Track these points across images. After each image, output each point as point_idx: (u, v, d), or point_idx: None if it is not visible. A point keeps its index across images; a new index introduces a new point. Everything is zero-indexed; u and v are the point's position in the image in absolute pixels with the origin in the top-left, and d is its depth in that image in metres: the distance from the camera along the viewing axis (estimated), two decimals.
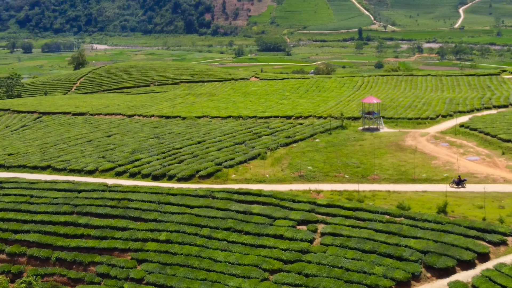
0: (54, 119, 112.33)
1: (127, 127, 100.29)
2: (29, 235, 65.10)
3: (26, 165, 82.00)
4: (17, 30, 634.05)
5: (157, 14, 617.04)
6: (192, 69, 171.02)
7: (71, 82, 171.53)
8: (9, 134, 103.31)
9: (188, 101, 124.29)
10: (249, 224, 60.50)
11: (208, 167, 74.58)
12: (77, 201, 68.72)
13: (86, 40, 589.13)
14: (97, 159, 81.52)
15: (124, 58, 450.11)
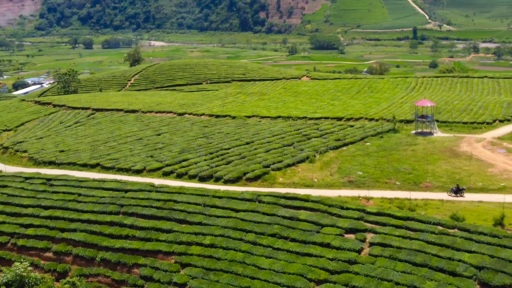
0: (106, 116, 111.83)
1: (177, 125, 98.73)
2: (76, 234, 64.09)
3: (76, 162, 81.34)
4: (79, 26, 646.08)
5: (213, 12, 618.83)
6: (244, 67, 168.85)
7: (126, 79, 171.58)
8: (62, 131, 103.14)
9: (238, 100, 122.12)
10: (295, 230, 57.90)
11: (255, 170, 72.20)
12: (124, 201, 67.34)
13: (144, 37, 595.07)
14: (145, 158, 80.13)
15: (180, 55, 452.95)
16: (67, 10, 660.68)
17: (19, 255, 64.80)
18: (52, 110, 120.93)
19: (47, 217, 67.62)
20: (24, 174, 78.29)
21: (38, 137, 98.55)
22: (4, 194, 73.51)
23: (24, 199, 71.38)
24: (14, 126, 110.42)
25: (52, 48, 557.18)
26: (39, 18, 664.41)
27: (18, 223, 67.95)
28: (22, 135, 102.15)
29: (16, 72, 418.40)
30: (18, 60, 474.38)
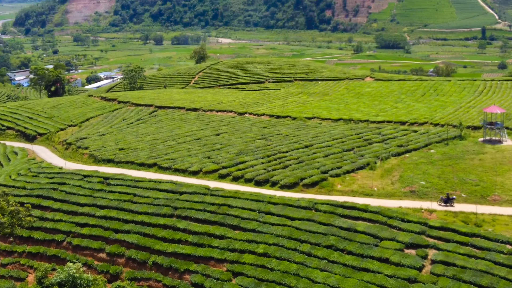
0: (168, 113, 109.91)
1: (237, 125, 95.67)
2: (129, 236, 62.14)
3: (134, 161, 79.54)
4: (150, 23, 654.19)
5: (280, 10, 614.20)
6: (307, 66, 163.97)
7: (190, 76, 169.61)
8: (124, 128, 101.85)
9: (300, 100, 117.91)
10: (352, 243, 53.96)
11: (313, 175, 68.32)
12: (178, 204, 64.87)
13: (212, 34, 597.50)
14: (202, 159, 77.44)
15: (246, 52, 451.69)
16: (139, 7, 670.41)
17: (73, 254, 63.48)
18: (116, 106, 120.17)
19: (102, 216, 66.05)
20: (83, 171, 77.10)
21: (100, 134, 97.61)
22: (62, 191, 72.49)
23: (81, 198, 70.08)
24: (79, 121, 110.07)
25: (124, 43, 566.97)
26: (113, 14, 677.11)
27: (74, 221, 66.70)
28: (85, 131, 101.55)
29: (90, 66, 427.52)
30: (93, 55, 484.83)
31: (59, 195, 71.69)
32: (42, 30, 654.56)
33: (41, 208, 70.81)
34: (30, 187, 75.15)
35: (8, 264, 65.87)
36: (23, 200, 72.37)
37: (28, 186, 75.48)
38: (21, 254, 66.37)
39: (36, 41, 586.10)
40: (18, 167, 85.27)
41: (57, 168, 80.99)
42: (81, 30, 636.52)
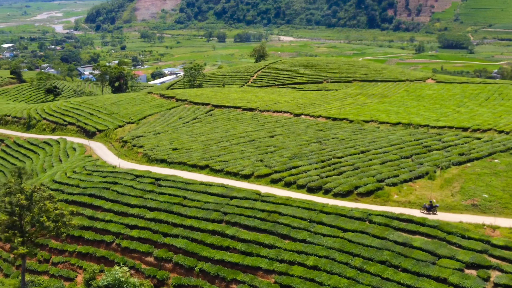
0: (224, 113, 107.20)
1: (292, 127, 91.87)
2: (177, 241, 59.64)
3: (186, 162, 77.02)
4: (214, 21, 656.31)
5: (341, 9, 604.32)
6: (366, 67, 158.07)
7: (249, 75, 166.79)
8: (180, 126, 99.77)
9: (358, 102, 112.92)
10: (408, 259, 49.59)
11: (368, 184, 63.97)
12: (228, 209, 61.88)
13: (274, 32, 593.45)
14: (254, 162, 74.13)
15: (307, 50, 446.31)
16: (204, 5, 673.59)
17: (122, 256, 61.55)
18: (174, 104, 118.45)
19: (151, 219, 63.83)
20: (135, 171, 75.20)
21: (156, 132, 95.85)
22: (114, 191, 70.79)
23: (132, 198, 68.12)
24: (137, 119, 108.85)
25: (189, 40, 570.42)
26: (179, 12, 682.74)
27: (124, 223, 64.78)
28: (142, 129, 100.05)
29: (156, 62, 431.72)
30: (158, 51, 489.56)
31: (111, 195, 70.06)
32: (111, 26, 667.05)
33: (92, 207, 69.43)
34: (84, 185, 73.92)
35: (59, 263, 64.67)
36: (76, 199, 71.40)
37: (81, 185, 74.29)
38: (72, 253, 65.14)
39: (105, 37, 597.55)
40: (74, 164, 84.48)
41: (111, 167, 79.57)
42: (148, 27, 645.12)
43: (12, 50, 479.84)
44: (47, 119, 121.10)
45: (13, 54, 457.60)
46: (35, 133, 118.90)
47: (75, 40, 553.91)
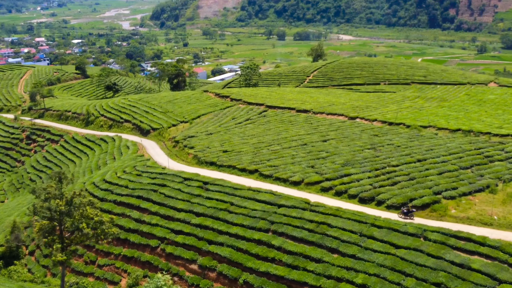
0: (277, 114, 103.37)
1: (346, 131, 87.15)
2: (222, 249, 56.55)
3: (236, 166, 73.68)
4: (274, 19, 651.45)
5: (402, 8, 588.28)
6: (425, 69, 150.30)
7: (305, 75, 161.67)
8: (232, 127, 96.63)
9: (416, 106, 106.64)
10: (465, 283, 44.92)
11: (424, 196, 59.00)
12: (275, 218, 58.25)
13: (334, 31, 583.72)
14: (305, 168, 70.08)
15: (366, 50, 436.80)
16: (265, 4, 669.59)
17: (166, 262, 58.95)
18: (228, 104, 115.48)
19: (197, 225, 60.97)
20: (184, 174, 72.46)
21: (208, 133, 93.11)
22: (161, 194, 68.34)
23: (178, 202, 65.48)
24: (191, 118, 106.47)
25: (249, 38, 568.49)
26: (240, 10, 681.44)
27: (170, 227, 62.17)
28: (194, 129, 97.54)
29: (216, 59, 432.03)
30: (219, 48, 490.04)
31: (158, 197, 67.61)
32: (175, 24, 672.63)
33: (139, 209, 67.21)
34: (132, 186, 71.83)
35: (104, 266, 62.66)
36: (124, 200, 69.36)
37: (130, 186, 72.23)
38: (117, 256, 63.05)
39: (169, 34, 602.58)
40: (126, 164, 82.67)
41: (160, 168, 77.14)
42: (210, 25, 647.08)
43: (81, 46, 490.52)
44: (104, 115, 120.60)
45: (81, 49, 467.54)
46: (93, 129, 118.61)
47: (140, 36, 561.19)
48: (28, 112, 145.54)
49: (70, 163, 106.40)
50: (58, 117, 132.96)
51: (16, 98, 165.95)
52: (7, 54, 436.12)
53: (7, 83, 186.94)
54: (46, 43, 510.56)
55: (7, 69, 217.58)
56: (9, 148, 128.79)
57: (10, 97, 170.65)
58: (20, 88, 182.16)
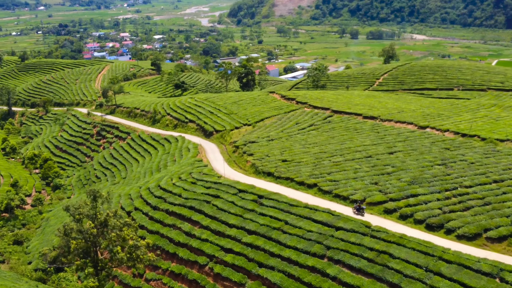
0: (343, 120, 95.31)
1: (414, 143, 78.22)
2: (272, 274, 50.27)
3: (294, 179, 66.82)
4: (348, 18, 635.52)
5: (478, 8, 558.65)
6: (503, 74, 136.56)
7: (375, 77, 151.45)
8: (294, 133, 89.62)
9: (492, 115, 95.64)
10: None
11: (500, 226, 50.37)
12: (331, 242, 51.25)
13: (407, 30, 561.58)
14: (368, 185, 62.32)
15: (440, 50, 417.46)
16: (339, 2, 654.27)
17: (214, 283, 53.40)
18: (293, 107, 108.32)
19: (248, 244, 54.83)
20: (239, 185, 66.31)
21: (269, 139, 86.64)
22: (214, 206, 62.66)
23: (231, 217, 59.59)
24: (254, 121, 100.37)
25: (322, 36, 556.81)
26: (314, 8, 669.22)
27: (220, 244, 56.41)
28: (256, 134, 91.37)
29: (289, 57, 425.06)
30: (292, 46, 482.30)
31: (211, 210, 61.97)
32: (251, 21, 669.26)
33: (191, 222, 61.87)
34: (186, 195, 66.61)
35: (152, 280, 57.85)
36: (176, 210, 64.26)
37: (184, 194, 67.04)
38: (165, 271, 58.11)
39: (245, 31, 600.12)
40: (183, 169, 77.65)
41: (216, 177, 71.33)
42: (284, 22, 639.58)
43: (161, 41, 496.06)
44: (170, 114, 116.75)
45: (162, 45, 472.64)
46: (159, 128, 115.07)
47: (217, 33, 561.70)
48: (101, 107, 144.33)
49: (134, 162, 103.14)
50: (127, 114, 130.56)
51: (92, 93, 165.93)
52: (93, 48, 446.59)
53: (85, 78, 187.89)
54: (129, 38, 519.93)
55: (88, 64, 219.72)
56: (80, 143, 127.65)
57: (87, 91, 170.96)
58: (97, 83, 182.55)
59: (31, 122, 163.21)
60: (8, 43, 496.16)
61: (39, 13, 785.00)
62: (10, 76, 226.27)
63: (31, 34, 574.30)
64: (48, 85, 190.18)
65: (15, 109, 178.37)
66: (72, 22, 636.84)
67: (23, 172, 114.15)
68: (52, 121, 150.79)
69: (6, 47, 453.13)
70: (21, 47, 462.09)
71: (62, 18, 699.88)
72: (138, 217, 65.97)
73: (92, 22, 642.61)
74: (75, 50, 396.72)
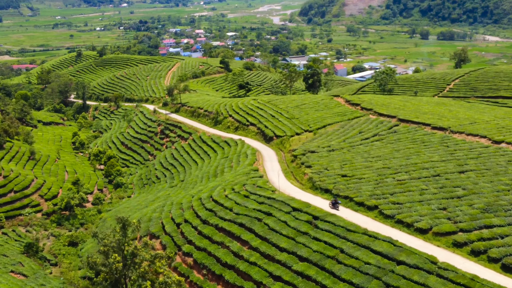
0: (409, 131, 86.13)
1: (488, 161, 68.46)
2: None
3: (353, 198, 59.36)
4: (418, 18, 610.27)
5: None
6: None
7: (445, 83, 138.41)
8: (357, 144, 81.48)
9: None
10: None
11: None
12: (391, 279, 43.89)
13: (479, 31, 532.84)
14: (435, 210, 54.02)
15: None
16: (410, 2, 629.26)
17: None
18: (357, 113, 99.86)
19: (299, 272, 48.32)
20: (293, 202, 59.51)
21: (329, 149, 79.16)
22: (266, 225, 56.33)
23: (282, 239, 53.16)
24: (315, 127, 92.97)
25: (392, 36, 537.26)
26: (385, 8, 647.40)
27: (269, 270, 50.24)
28: (316, 142, 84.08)
29: (358, 56, 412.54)
30: (361, 45, 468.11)
31: (261, 229, 55.72)
32: (321, 20, 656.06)
33: (240, 241, 55.92)
34: (237, 210, 60.64)
35: None
36: (225, 226, 58.46)
37: (235, 209, 61.10)
38: None
39: (315, 29, 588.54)
40: (237, 179, 71.72)
41: (270, 191, 64.66)
42: (354, 22, 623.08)
43: (234, 38, 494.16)
44: (232, 116, 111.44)
45: (234, 42, 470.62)
46: (220, 129, 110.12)
47: (288, 31, 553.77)
48: (166, 106, 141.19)
49: (193, 164, 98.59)
50: (191, 114, 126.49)
51: (161, 90, 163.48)
52: (169, 44, 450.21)
53: (155, 75, 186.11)
54: (204, 35, 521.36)
55: (160, 60, 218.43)
56: (145, 140, 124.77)
57: (156, 88, 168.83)
58: (166, 80, 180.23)
59: (102, 116, 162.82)
60: (92, 38, 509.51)
61: (122, 9, 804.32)
62: (88, 71, 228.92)
63: (113, 30, 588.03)
64: (121, 80, 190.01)
65: (89, 103, 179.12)
66: (151, 19, 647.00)
67: (88, 169, 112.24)
68: (121, 117, 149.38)
69: (91, 41, 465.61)
70: (103, 41, 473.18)
71: (142, 14, 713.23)
72: (187, 230, 60.72)
73: (169, 19, 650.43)
74: (152, 45, 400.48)
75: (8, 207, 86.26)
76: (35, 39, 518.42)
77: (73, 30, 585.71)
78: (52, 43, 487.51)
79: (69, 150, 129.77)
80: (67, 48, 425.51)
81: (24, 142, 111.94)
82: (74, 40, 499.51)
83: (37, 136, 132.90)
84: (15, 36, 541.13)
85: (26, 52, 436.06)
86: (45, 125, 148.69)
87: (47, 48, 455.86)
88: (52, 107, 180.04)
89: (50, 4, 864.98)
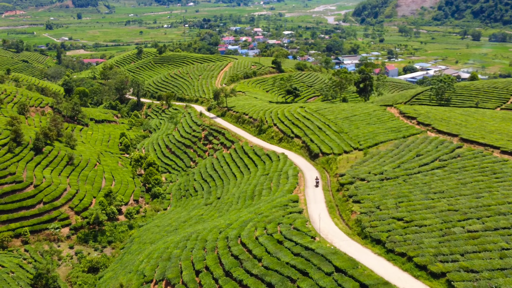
0: (476, 156, 67.89)
1: None
2: None
3: (412, 257, 42.15)
4: (470, 19, 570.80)
5: None
6: None
7: (509, 93, 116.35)
8: (414, 172, 63.94)
9: None
10: None
11: None
12: None
13: None
14: None
15: None
16: (462, 4, 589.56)
17: None
18: (414, 130, 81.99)
19: None
20: (337, 259, 43.00)
21: (382, 177, 62.37)
22: None
23: None
24: (366, 145, 76.14)
25: (443, 37, 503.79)
26: (437, 9, 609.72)
27: None
28: (367, 166, 67.35)
29: (409, 56, 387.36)
30: (413, 45, 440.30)
31: None
32: (374, 20, 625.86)
33: None
34: (267, 263, 45.31)
35: None
36: (250, 284, 43.27)
37: (265, 260, 45.80)
38: None
39: (367, 29, 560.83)
40: (272, 214, 56.22)
41: (309, 237, 48.31)
42: (406, 22, 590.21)
43: (289, 37, 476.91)
44: (277, 125, 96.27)
45: (289, 40, 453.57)
46: (263, 139, 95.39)
47: (341, 31, 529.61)
48: (213, 109, 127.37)
49: (232, 178, 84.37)
50: (236, 119, 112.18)
51: (211, 91, 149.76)
52: (228, 41, 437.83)
53: (208, 75, 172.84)
54: (261, 33, 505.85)
55: (215, 59, 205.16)
56: (188, 145, 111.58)
57: (206, 89, 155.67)
58: (218, 80, 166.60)
59: (154, 114, 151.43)
60: (159, 34, 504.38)
61: (188, 8, 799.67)
62: (147, 68, 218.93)
63: (179, 27, 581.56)
64: (174, 79, 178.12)
65: (144, 100, 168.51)
66: (214, 17, 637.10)
67: (127, 175, 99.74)
68: (168, 118, 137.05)
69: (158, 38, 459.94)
70: (169, 38, 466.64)
71: (206, 13, 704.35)
72: (207, 282, 46.16)
73: (231, 18, 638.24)
74: (212, 43, 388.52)
75: (35, 219, 74.79)
76: (109, 35, 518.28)
77: (143, 27, 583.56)
78: (123, 38, 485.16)
79: (116, 151, 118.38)
80: (136, 43, 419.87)
81: (66, 144, 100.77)
82: (143, 36, 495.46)
83: (87, 135, 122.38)
84: (91, 32, 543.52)
85: (99, 47, 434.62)
86: (97, 123, 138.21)
87: (118, 43, 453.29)
88: (108, 104, 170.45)
89: (124, 3, 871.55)
